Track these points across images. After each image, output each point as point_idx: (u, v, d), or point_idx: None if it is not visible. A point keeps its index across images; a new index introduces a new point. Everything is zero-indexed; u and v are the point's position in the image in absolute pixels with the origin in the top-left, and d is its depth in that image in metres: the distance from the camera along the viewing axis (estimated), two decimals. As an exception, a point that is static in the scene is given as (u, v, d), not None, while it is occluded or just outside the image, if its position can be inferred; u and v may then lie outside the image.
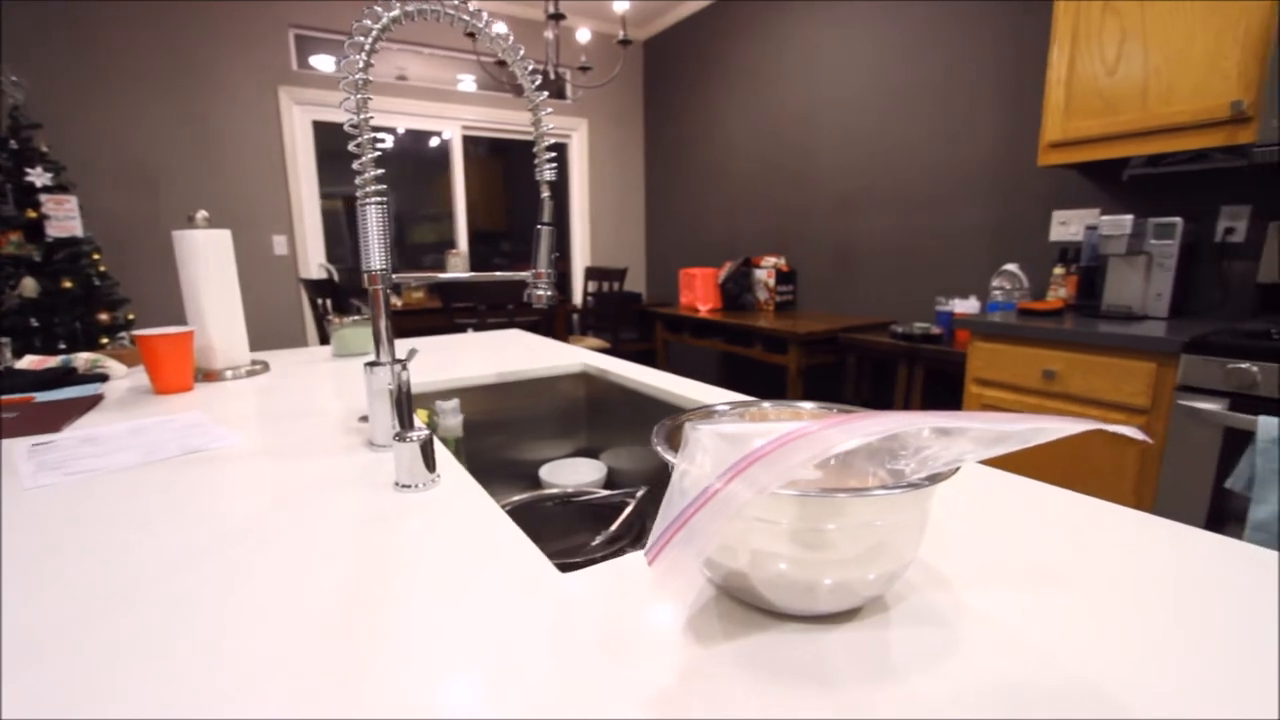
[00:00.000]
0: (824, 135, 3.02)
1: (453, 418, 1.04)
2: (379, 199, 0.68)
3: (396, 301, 2.89)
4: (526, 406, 1.19)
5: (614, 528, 0.93)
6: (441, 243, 4.07)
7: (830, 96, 2.96)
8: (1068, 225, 2.18)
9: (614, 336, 3.36)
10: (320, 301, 2.79)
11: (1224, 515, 1.36)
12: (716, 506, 0.26)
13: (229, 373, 1.11)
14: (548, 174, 0.84)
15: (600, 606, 0.39)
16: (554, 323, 2.78)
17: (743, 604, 0.39)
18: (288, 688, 0.32)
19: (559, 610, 0.38)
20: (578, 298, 4.28)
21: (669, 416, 0.46)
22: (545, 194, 0.84)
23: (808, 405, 0.45)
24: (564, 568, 0.44)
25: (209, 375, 1.09)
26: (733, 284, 3.24)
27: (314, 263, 3.53)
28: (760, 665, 0.33)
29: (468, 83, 3.92)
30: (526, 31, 3.94)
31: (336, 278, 2.99)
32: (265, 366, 1.19)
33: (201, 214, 1.08)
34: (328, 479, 0.61)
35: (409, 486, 0.58)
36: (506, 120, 4.02)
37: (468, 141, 4.00)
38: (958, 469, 0.34)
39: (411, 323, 2.64)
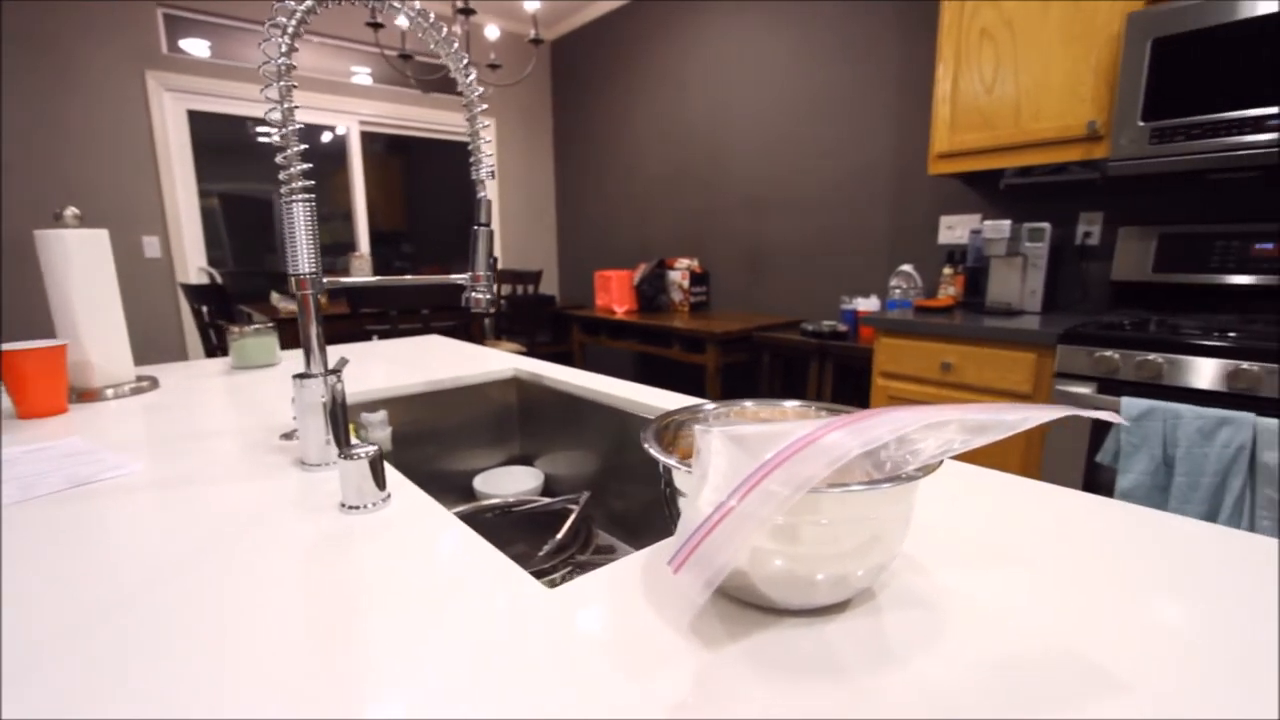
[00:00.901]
0: (732, 140, 3.12)
1: (380, 430, 0.98)
2: (306, 197, 0.63)
3: (294, 309, 2.68)
4: (457, 415, 1.14)
5: (560, 536, 0.91)
6: (337, 245, 3.82)
7: (737, 102, 3.07)
8: (954, 229, 2.38)
9: (530, 340, 3.30)
10: (204, 309, 2.53)
11: (1096, 485, 1.54)
12: (741, 516, 0.26)
13: (110, 391, 0.98)
14: (485, 172, 0.81)
15: (594, 618, 0.37)
16: (470, 328, 2.69)
17: (739, 602, 0.39)
18: (268, 743, 0.28)
19: (553, 626, 0.37)
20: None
21: (657, 418, 0.46)
22: (482, 194, 0.81)
23: (791, 404, 0.46)
24: (547, 582, 0.42)
25: (85, 395, 0.96)
26: (647, 286, 3.27)
27: (193, 266, 3.20)
28: (771, 663, 0.33)
29: (362, 76, 3.71)
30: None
31: (220, 282, 2.73)
32: (153, 383, 1.06)
33: (71, 211, 0.94)
34: (261, 506, 0.55)
35: (358, 508, 0.54)
36: (408, 117, 3.84)
37: (365, 138, 3.78)
38: (941, 462, 0.36)
39: (312, 330, 2.45)
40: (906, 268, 2.41)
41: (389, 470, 0.62)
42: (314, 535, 0.49)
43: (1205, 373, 1.36)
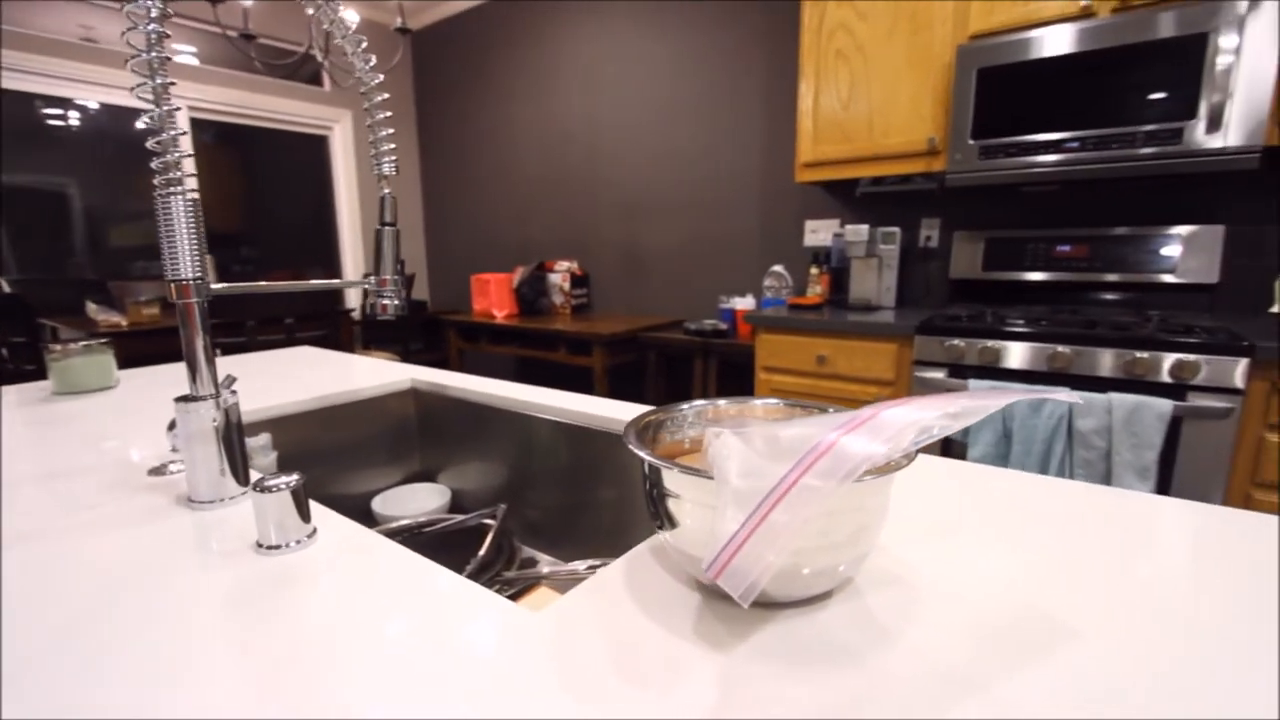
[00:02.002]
0: (610, 142, 3.14)
1: (264, 456, 0.86)
2: (186, 191, 0.54)
3: (121, 321, 2.28)
4: (349, 433, 1.04)
5: (481, 553, 0.86)
6: (152, 246, 3.33)
7: (613, 106, 3.10)
8: (817, 233, 2.58)
9: (403, 349, 3.10)
10: (-13, 325, 2.08)
11: (949, 457, 1.74)
12: (792, 504, 0.26)
13: (-117, 431, 0.77)
14: (387, 168, 0.75)
15: (593, 636, 0.36)
16: (339, 337, 2.47)
17: (728, 599, 0.39)
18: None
19: (554, 650, 0.34)
20: (359, 310, 3.84)
21: (634, 420, 0.44)
22: (386, 191, 0.75)
23: (759, 401, 0.47)
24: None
25: None
26: (527, 289, 3.20)
27: (-36, 273, 2.63)
28: (782, 657, 0.34)
29: (187, 56, 3.27)
30: (282, 8, 3.43)
31: (9, 291, 2.27)
32: (-55, 417, 0.85)
33: None
34: (154, 556, 0.47)
35: (279, 547, 0.47)
36: (248, 104, 3.44)
37: (192, 126, 3.33)
38: (917, 452, 0.38)
39: (142, 347, 2.07)
40: (778, 268, 2.57)
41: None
42: (235, 585, 0.42)
43: (1030, 356, 1.60)
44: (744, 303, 2.66)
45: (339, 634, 0.36)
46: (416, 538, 0.94)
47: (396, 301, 0.75)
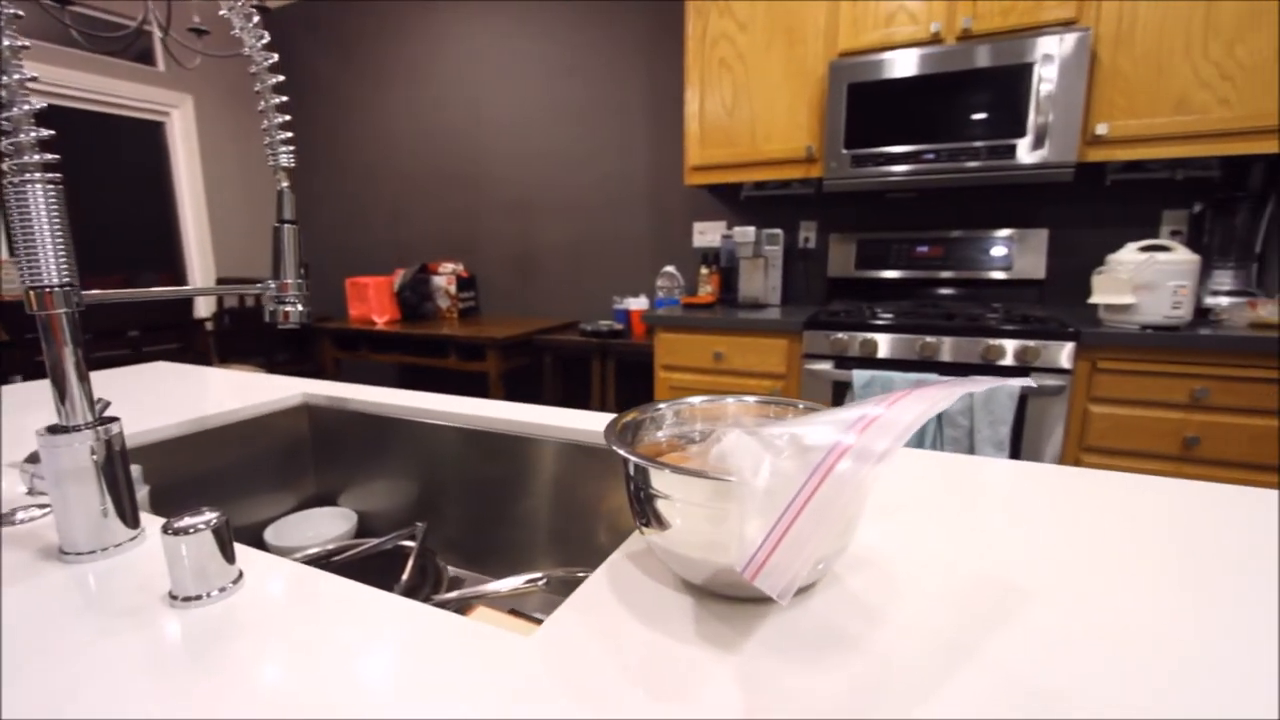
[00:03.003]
0: (494, 140, 3.05)
1: (137, 490, 0.74)
2: (47, 177, 0.45)
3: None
4: (232, 458, 0.92)
5: (405, 578, 0.80)
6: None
7: (496, 103, 3.01)
8: (705, 234, 2.68)
9: (268, 360, 2.80)
10: None
11: (838, 445, 1.88)
12: (823, 501, 0.26)
13: None
14: (285, 159, 0.68)
15: (599, 654, 0.34)
16: (195, 350, 2.17)
17: (720, 598, 0.39)
18: None
19: (564, 675, 0.33)
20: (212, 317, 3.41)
21: (612, 423, 0.43)
22: (284, 184, 0.68)
23: (730, 400, 0.48)
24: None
25: None
26: (410, 292, 3.03)
27: None
28: (790, 648, 0.34)
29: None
30: (78, -34, 2.94)
31: None
32: None
33: None
34: (31, 627, 0.38)
35: (200, 597, 0.41)
36: (64, 82, 2.94)
37: (-16, 104, 2.79)
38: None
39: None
40: (670, 268, 2.63)
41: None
42: (155, 650, 0.36)
43: (903, 347, 1.76)
44: (637, 303, 2.69)
45: (309, 691, 0.32)
46: (327, 568, 0.85)
47: (301, 308, 0.68)
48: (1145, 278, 1.56)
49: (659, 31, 2.60)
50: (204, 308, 3.19)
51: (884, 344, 1.78)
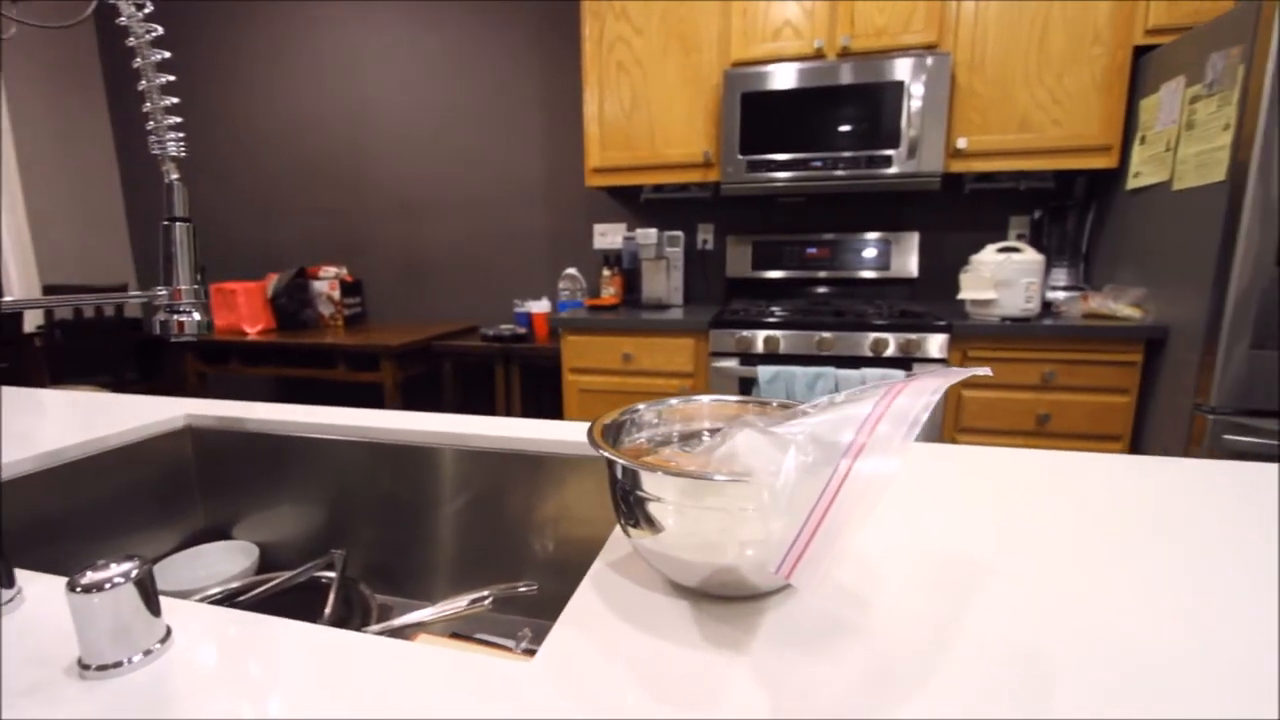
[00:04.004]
0: (378, 138, 2.86)
1: (-19, 544, 0.62)
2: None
3: None
4: (99, 495, 0.80)
5: (329, 611, 0.73)
6: None
7: (381, 99, 2.83)
8: (606, 236, 2.68)
9: (115, 378, 2.44)
10: None
11: (745, 439, 1.96)
12: (849, 495, 0.27)
13: None
14: (173, 148, 0.61)
15: (612, 673, 0.33)
16: (22, 369, 1.84)
17: (714, 599, 0.40)
18: None
19: (575, 697, 0.31)
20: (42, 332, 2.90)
21: (593, 426, 0.41)
22: (174, 176, 0.61)
23: (705, 399, 0.48)
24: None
25: None
26: (287, 299, 2.77)
27: None
28: (795, 642, 0.35)
29: None
30: None
31: None
32: None
33: None
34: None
35: (120, 664, 0.34)
36: None
37: None
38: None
39: None
40: (571, 270, 2.61)
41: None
42: (77, 727, 0.30)
43: (802, 342, 1.87)
44: (540, 306, 2.64)
45: (292, 751, 0.28)
46: (233, 607, 0.75)
47: (199, 316, 0.61)
48: (1003, 276, 1.77)
49: (552, 30, 2.57)
50: (30, 321, 2.72)
51: (785, 341, 1.87)
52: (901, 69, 1.88)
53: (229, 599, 0.76)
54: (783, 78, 1.97)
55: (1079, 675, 0.32)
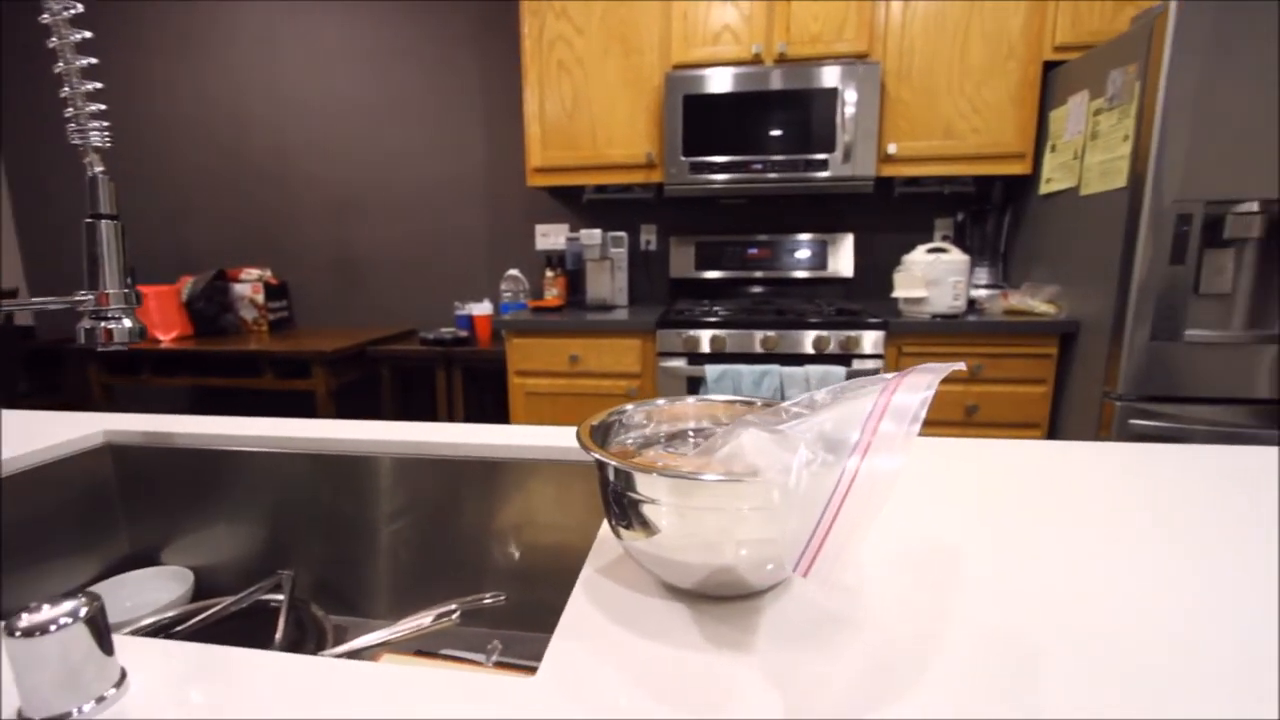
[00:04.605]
0: (306, 133, 2.72)
1: None
2: None
3: None
4: (7, 522, 0.72)
5: (280, 636, 0.69)
6: None
7: (307, 91, 2.68)
8: (548, 236, 2.65)
9: (7, 392, 2.21)
10: None
11: (694, 437, 1.98)
12: (860, 491, 0.28)
13: None
14: (95, 138, 0.57)
15: (614, 683, 0.33)
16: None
17: (710, 599, 0.40)
18: None
19: (598, 708, 0.30)
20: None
21: (580, 428, 0.40)
22: (98, 169, 0.56)
23: (689, 400, 0.47)
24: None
25: None
26: (204, 303, 2.59)
27: None
28: (796, 638, 0.35)
29: None
30: None
31: None
32: None
33: None
34: None
35: (68, 715, 0.31)
36: None
37: None
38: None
39: None
40: (513, 272, 2.56)
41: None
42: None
43: (747, 341, 1.90)
44: (481, 308, 2.58)
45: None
46: (169, 638, 0.69)
47: (129, 323, 0.56)
48: (933, 275, 1.87)
49: (490, 26, 2.52)
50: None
51: (730, 340, 1.91)
52: (836, 76, 1.95)
53: (163, 630, 0.70)
54: (723, 81, 2.00)
55: (1060, 651, 0.33)
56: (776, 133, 2.01)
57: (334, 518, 0.81)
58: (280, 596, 0.75)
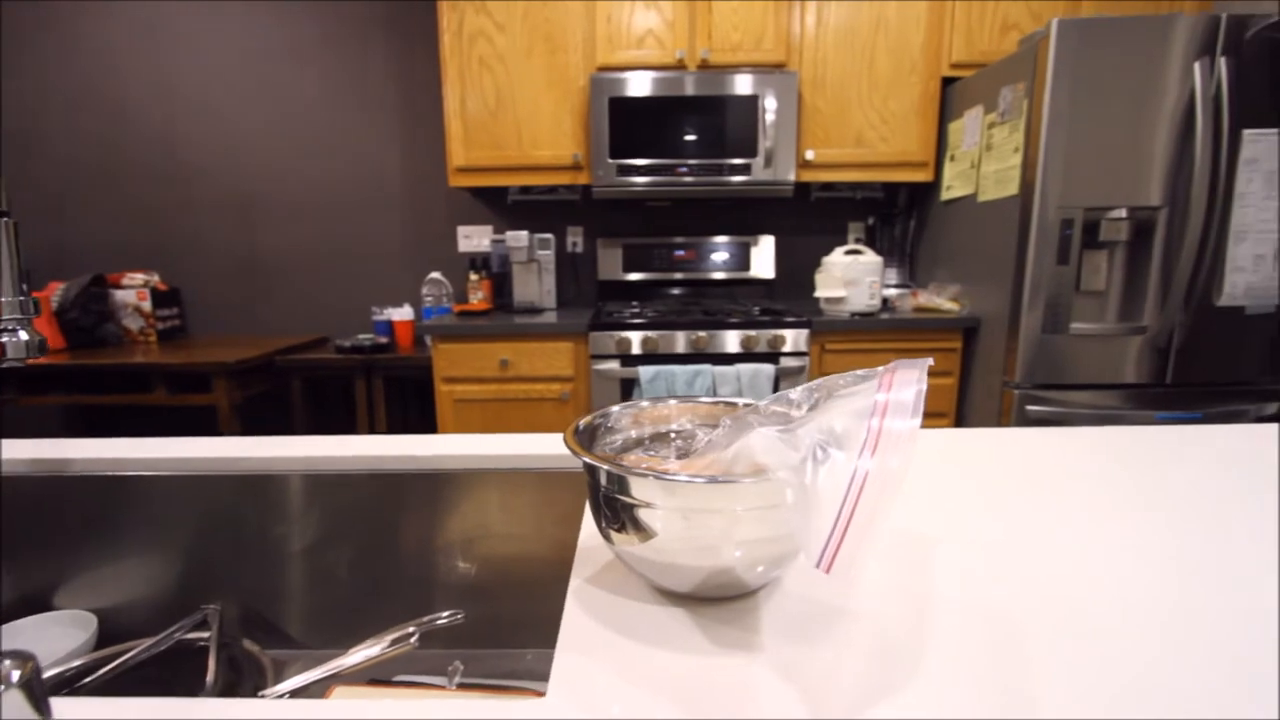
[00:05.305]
0: (202, 127, 2.49)
1: None
2: None
3: None
4: None
5: (211, 678, 0.62)
6: None
7: (201, 79, 2.46)
8: (471, 239, 2.57)
9: None
10: None
11: (629, 439, 1.98)
12: (874, 486, 0.29)
13: None
14: None
15: (631, 699, 0.32)
16: None
17: (705, 601, 0.40)
18: None
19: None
20: None
21: (568, 431, 0.39)
22: None
23: (672, 402, 0.47)
24: None
25: None
26: (80, 312, 2.32)
27: None
28: (798, 633, 0.36)
29: None
30: None
31: None
32: None
33: None
34: None
35: (6, 786, 0.27)
36: None
37: None
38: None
39: None
40: (435, 275, 2.46)
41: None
42: None
43: (678, 341, 1.93)
44: (402, 313, 2.47)
45: None
46: (75, 692, 0.61)
47: (25, 336, 0.50)
48: (851, 275, 1.97)
49: (407, 18, 2.41)
50: None
51: (662, 341, 1.93)
52: (757, 84, 2.01)
53: (69, 683, 0.62)
54: (649, 85, 2.02)
55: (1043, 627, 0.36)
56: (702, 137, 2.05)
57: (261, 544, 0.75)
58: (206, 634, 0.68)
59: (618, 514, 0.39)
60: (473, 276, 2.45)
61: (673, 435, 0.47)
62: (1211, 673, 0.32)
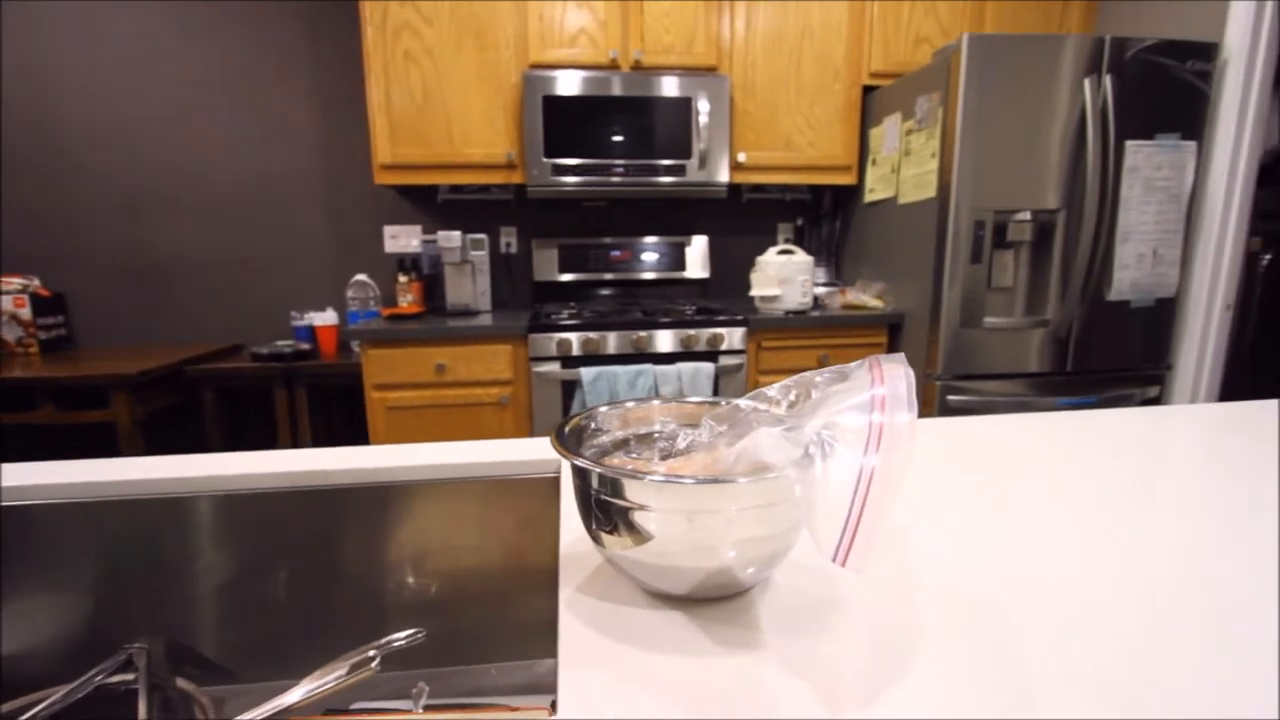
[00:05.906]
0: (87, 120, 2.25)
1: None
2: None
3: None
4: None
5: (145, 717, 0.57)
6: None
7: (85, 69, 2.23)
8: (398, 239, 2.47)
9: None
10: None
11: (572, 441, 1.96)
12: (882, 479, 0.30)
13: None
14: None
15: (645, 705, 0.31)
16: None
17: (702, 602, 0.40)
18: None
19: (633, 735, 0.29)
20: None
21: (555, 432, 0.38)
22: None
23: (656, 402, 0.46)
24: None
25: None
26: (-60, 323, 2.05)
27: None
28: (798, 628, 0.37)
29: None
30: None
31: None
32: None
33: None
34: None
35: None
36: None
37: None
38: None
39: None
40: (361, 277, 2.36)
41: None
42: None
43: (619, 342, 1.93)
44: (325, 318, 2.34)
45: None
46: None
47: None
48: (784, 274, 2.03)
49: (324, 6, 2.28)
50: None
51: (603, 341, 1.92)
52: (690, 86, 2.04)
53: (-30, 745, 0.54)
54: (583, 84, 2.01)
55: (1025, 608, 0.38)
56: (637, 138, 2.06)
57: (184, 573, 0.69)
58: (131, 676, 0.62)
59: (610, 517, 0.38)
60: (402, 278, 2.35)
61: (656, 435, 0.47)
62: (1210, 669, 0.35)
